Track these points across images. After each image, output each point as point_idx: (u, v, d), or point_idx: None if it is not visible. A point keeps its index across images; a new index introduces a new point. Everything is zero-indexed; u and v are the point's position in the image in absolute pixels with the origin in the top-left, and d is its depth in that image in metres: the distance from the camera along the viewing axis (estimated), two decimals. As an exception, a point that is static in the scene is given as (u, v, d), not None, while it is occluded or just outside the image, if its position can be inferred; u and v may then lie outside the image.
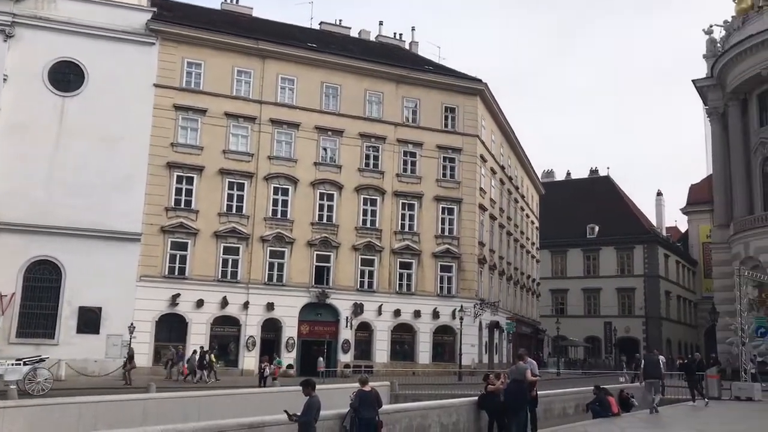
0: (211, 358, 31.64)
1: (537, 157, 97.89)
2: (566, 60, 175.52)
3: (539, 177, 69.57)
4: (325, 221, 38.24)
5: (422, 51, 49.75)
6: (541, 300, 64.75)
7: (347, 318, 37.76)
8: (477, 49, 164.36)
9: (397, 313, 38.89)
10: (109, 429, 13.22)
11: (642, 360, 25.77)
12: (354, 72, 40.34)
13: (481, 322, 42.00)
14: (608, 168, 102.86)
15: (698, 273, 74.57)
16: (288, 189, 37.78)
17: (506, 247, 51.31)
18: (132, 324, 31.78)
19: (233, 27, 39.97)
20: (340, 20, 48.31)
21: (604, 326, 65.96)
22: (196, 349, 32.33)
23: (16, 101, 32.86)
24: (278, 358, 31.34)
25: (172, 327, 34.57)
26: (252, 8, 45.83)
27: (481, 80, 43.62)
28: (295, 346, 36.75)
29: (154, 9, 36.64)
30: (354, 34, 48.17)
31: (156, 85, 35.87)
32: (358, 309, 37.95)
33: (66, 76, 34.59)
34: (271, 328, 36.59)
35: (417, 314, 39.26)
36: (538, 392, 16.49)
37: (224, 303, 35.24)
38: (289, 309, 36.54)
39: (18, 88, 33.11)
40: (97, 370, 31.10)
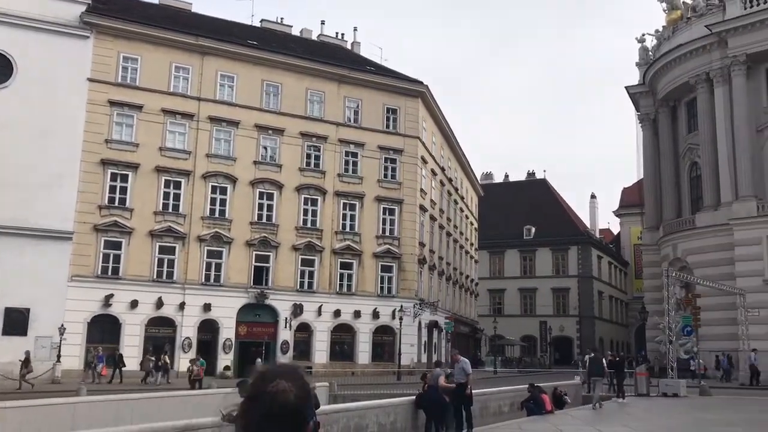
0: (165, 359, 31.28)
1: (476, 160, 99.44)
2: (506, 64, 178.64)
3: (478, 179, 70.63)
4: (264, 221, 37.85)
5: (364, 52, 49.82)
6: (479, 300, 65.72)
7: (286, 319, 37.46)
8: (418, 51, 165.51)
9: (337, 313, 38.81)
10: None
11: (586, 359, 26.70)
12: (295, 71, 40.07)
13: (420, 322, 42.33)
14: (545, 171, 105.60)
15: (629, 274, 77.07)
16: (226, 188, 37.23)
17: (446, 248, 51.88)
18: (62, 325, 30.71)
19: (172, 22, 39.11)
20: (282, 18, 47.95)
21: (540, 325, 67.42)
22: (149, 350, 32.12)
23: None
24: (202, 359, 30.45)
25: (104, 328, 33.59)
26: (191, 3, 44.94)
27: (422, 82, 43.99)
28: (233, 348, 36.24)
29: (89, 1, 35.51)
30: (295, 32, 47.82)
31: (90, 80, 34.80)
32: (297, 309, 37.70)
33: (-8, 68, 33.20)
34: (208, 329, 35.98)
35: (357, 314, 39.27)
36: (474, 391, 16.78)
37: (159, 304, 34.44)
38: (226, 310, 36.01)
39: (-59, 79, 31.62)
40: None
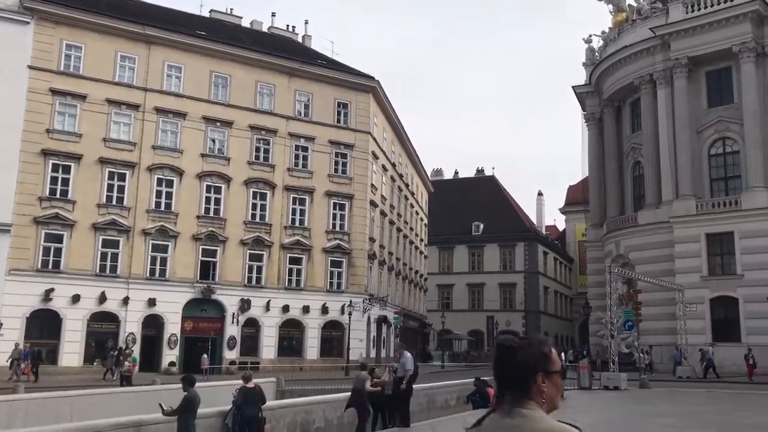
0: (126, 355, 30.53)
1: (427, 156, 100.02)
2: (457, 62, 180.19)
3: (429, 175, 71.09)
4: (211, 215, 37.31)
5: (315, 45, 49.54)
6: (428, 295, 66.20)
7: (234, 314, 37.03)
8: (370, 47, 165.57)
9: (285, 308, 38.56)
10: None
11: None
12: (245, 62, 39.57)
13: (369, 317, 42.40)
14: (493, 168, 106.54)
15: (574, 269, 78.82)
16: (173, 180, 36.54)
17: (396, 243, 52.08)
18: (-1, 321, 29.68)
19: (118, 10, 38.08)
20: (231, 9, 47.13)
21: (487, 320, 68.28)
22: (113, 346, 31.65)
23: None
24: (133, 355, 29.86)
25: (44, 324, 32.61)
26: (139, -9, 43.86)
27: (373, 77, 43.98)
28: (178, 343, 35.65)
29: (29, -15, 34.30)
30: (245, 24, 47.21)
31: (31, 67, 33.64)
32: (245, 305, 37.32)
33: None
34: (153, 324, 35.28)
35: (306, 310, 39.09)
36: (422, 385, 16.92)
37: (102, 298, 33.60)
38: (172, 305, 35.35)
39: None
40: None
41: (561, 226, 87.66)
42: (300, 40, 49.28)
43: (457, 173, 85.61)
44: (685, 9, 40.68)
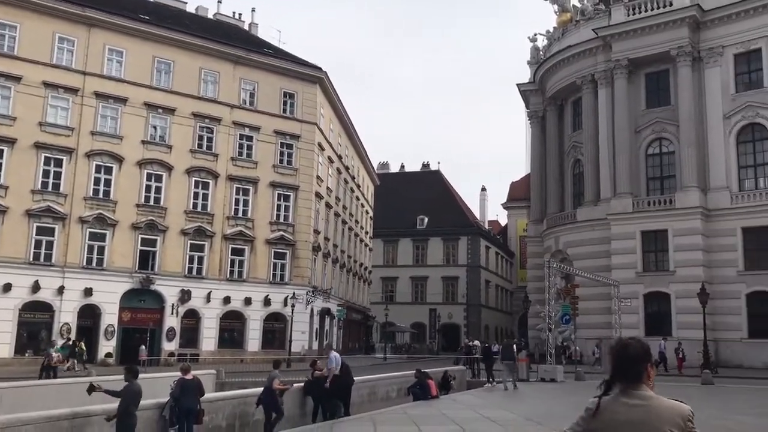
0: (81, 346, 30.16)
1: (373, 149, 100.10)
2: (406, 55, 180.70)
3: (375, 168, 71.18)
4: (152, 203, 36.49)
5: (262, 34, 48.88)
6: (372, 287, 66.42)
7: (173, 305, 36.35)
8: (318, 38, 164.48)
9: (227, 300, 38.07)
10: None
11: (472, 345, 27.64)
12: (189, 49, 38.75)
13: (312, 309, 42.25)
14: (439, 162, 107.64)
15: (515, 264, 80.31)
16: (112, 168, 35.55)
17: (341, 236, 51.99)
18: None
19: (55, -11, 36.72)
20: (177, -6, 46.03)
21: (430, 313, 68.99)
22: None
23: None
24: (58, 346, 29.07)
25: (-28, 313, 31.32)
26: (78, -29, 42.37)
27: (321, 68, 43.69)
28: (115, 334, 34.80)
29: (-40, -41, 32.78)
30: (191, 9, 46.19)
31: (-40, 46, 32.20)
32: (185, 296, 36.68)
33: None
34: (89, 314, 34.32)
35: (248, 301, 38.67)
36: (363, 377, 16.97)
37: (36, 287, 32.45)
38: (109, 295, 34.45)
39: None
40: None
41: (503, 221, 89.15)
42: (246, 27, 48.54)
43: (403, 167, 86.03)
44: (626, 12, 41.77)
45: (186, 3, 45.98)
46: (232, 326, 38.90)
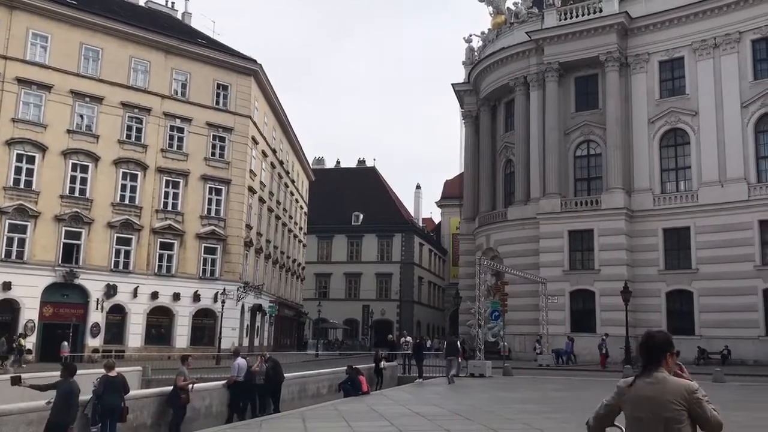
0: (21, 342, 29.08)
1: (309, 144, 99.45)
2: (343, 50, 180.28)
3: (310, 163, 70.77)
4: (77, 195, 35.25)
5: (195, 23, 47.87)
6: (305, 283, 66.05)
7: (98, 300, 35.23)
8: (254, 31, 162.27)
9: (155, 295, 37.15)
10: None
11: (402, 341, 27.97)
12: (119, 36, 37.58)
13: (243, 305, 41.69)
14: (375, 159, 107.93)
15: (447, 261, 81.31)
16: (34, 157, 34.13)
17: (274, 231, 51.47)
18: None
19: (-25, -32, 34.94)
20: (106, -21, 44.50)
21: (363, 309, 69.13)
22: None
23: None
24: None
25: None
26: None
27: (255, 61, 43.14)
28: (36, 330, 33.44)
29: None
30: (122, -5, 44.75)
31: None
32: (111, 290, 35.60)
33: None
34: (7, 309, 32.89)
35: (177, 297, 37.85)
36: (293, 374, 16.85)
37: (-51, 281, 30.90)
38: (29, 289, 33.09)
39: None
40: None
41: (437, 218, 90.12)
42: (179, 17, 47.46)
43: (338, 163, 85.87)
44: (558, 16, 42.82)
45: (116, -11, 44.48)
46: (159, 322, 37.99)
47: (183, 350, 36.95)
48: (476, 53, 52.02)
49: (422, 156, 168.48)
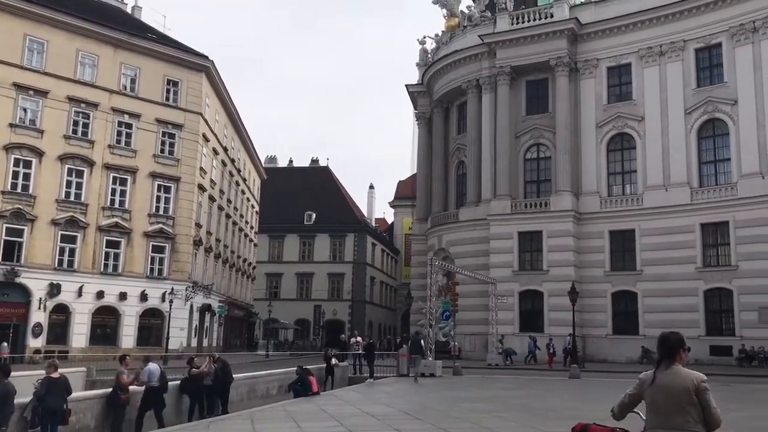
0: None
1: (262, 143, 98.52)
2: (297, 46, 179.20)
3: (262, 162, 70.11)
4: (19, 191, 34.14)
5: (146, 18, 46.90)
6: (255, 283, 65.40)
7: (41, 299, 34.20)
8: (206, 26, 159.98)
9: (100, 294, 36.27)
10: None
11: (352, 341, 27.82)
12: (65, 29, 36.56)
13: (192, 305, 41.05)
14: (328, 159, 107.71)
15: (400, 261, 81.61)
16: (-26, 151, 32.93)
17: (224, 230, 50.83)
18: None
19: None
20: (53, -31, 43.23)
21: (314, 309, 68.84)
22: None
23: None
24: None
25: None
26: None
27: (207, 57, 42.50)
28: (-27, 330, 32.28)
29: None
30: (68, -13, 43.53)
31: None
32: (54, 290, 34.60)
33: None
34: (-57, 309, 31.66)
35: (123, 296, 37.02)
36: (243, 374, 16.66)
37: None
38: (-33, 288, 31.93)
39: None
40: None
41: (390, 219, 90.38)
42: (129, 11, 46.44)
43: (291, 162, 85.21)
44: (511, 20, 43.43)
45: (63, -21, 43.26)
46: (105, 322, 37.10)
47: (129, 351, 36.21)
48: (430, 55, 52.33)
49: (376, 156, 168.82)
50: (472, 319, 39.57)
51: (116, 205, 37.60)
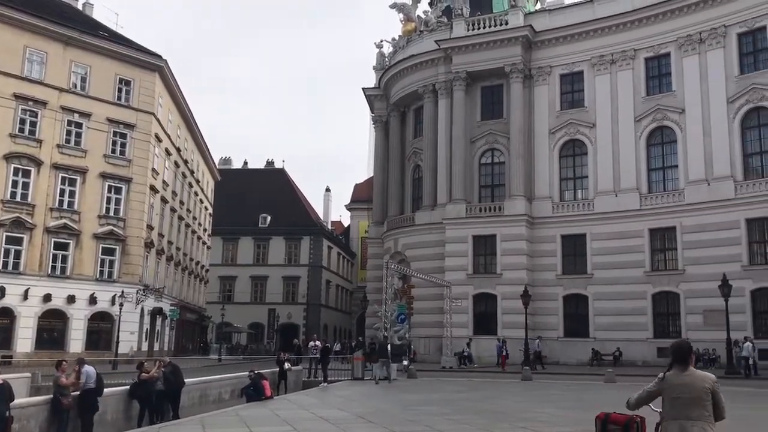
0: None
1: (216, 144, 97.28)
2: (254, 46, 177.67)
3: (216, 163, 69.24)
4: (-38, 190, 32.99)
5: (97, 15, 45.81)
6: (209, 286, 64.51)
7: (-17, 303, 33.08)
8: (161, 25, 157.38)
9: (47, 297, 35.24)
10: None
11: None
12: (12, 24, 35.47)
13: (143, 309, 40.25)
14: (284, 161, 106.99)
15: (356, 264, 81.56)
16: None
17: (177, 232, 50.01)
18: None
19: None
20: (0, -38, 41.92)
21: (269, 313, 68.25)
22: None
23: None
24: None
25: None
26: None
27: (161, 56, 41.77)
28: None
29: None
30: (16, -19, 42.28)
31: None
32: (-2, 293, 33.52)
33: None
34: None
35: (71, 299, 36.06)
36: (194, 379, 16.38)
37: None
38: None
39: None
40: None
41: (346, 222, 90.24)
42: (80, 7, 45.35)
43: (246, 163, 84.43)
44: (467, 26, 43.91)
45: (10, -27, 42.00)
46: (52, 326, 36.06)
47: (78, 355, 35.25)
48: (387, 59, 52.52)
49: (333, 159, 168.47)
50: (427, 322, 39.78)
51: (65, 206, 36.63)
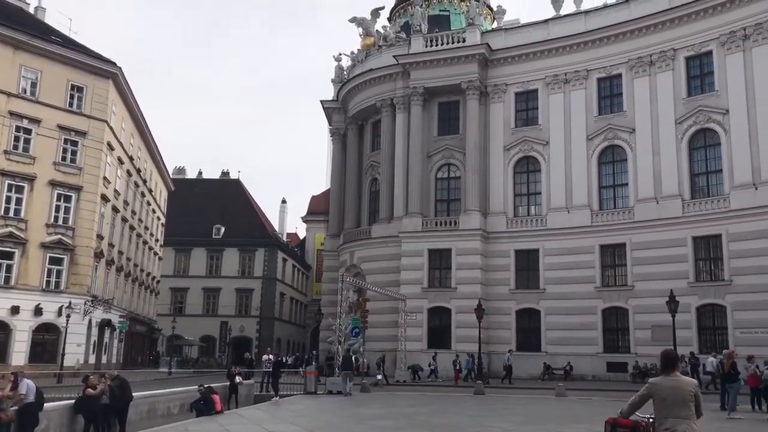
0: None
1: (170, 154, 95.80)
2: (210, 55, 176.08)
3: (170, 173, 68.17)
4: None
5: (50, 19, 44.87)
6: (159, 298, 63.23)
7: None
8: (114, 32, 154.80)
9: (-11, 308, 34.06)
10: None
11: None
12: (-40, 26, 34.45)
13: (91, 320, 39.22)
14: (239, 171, 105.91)
15: (311, 277, 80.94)
16: None
17: (128, 242, 48.99)
18: None
19: None
20: (-52, -38, 40.77)
21: (221, 325, 67.15)
22: None
23: None
24: None
25: None
26: None
27: (115, 63, 41.05)
28: None
29: None
30: (-35, -18, 41.12)
31: None
32: (-63, 303, 32.26)
33: None
34: None
35: (15, 310, 34.89)
36: (143, 393, 16.03)
37: None
38: None
39: None
40: None
41: (302, 234, 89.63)
42: (32, 11, 44.30)
43: (200, 173, 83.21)
44: (425, 42, 44.37)
45: (-41, -26, 40.85)
46: (-6, 338, 34.84)
47: (20, 368, 34.12)
48: (345, 72, 52.64)
49: (289, 170, 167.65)
50: (381, 336, 39.68)
51: (11, 214, 35.53)
